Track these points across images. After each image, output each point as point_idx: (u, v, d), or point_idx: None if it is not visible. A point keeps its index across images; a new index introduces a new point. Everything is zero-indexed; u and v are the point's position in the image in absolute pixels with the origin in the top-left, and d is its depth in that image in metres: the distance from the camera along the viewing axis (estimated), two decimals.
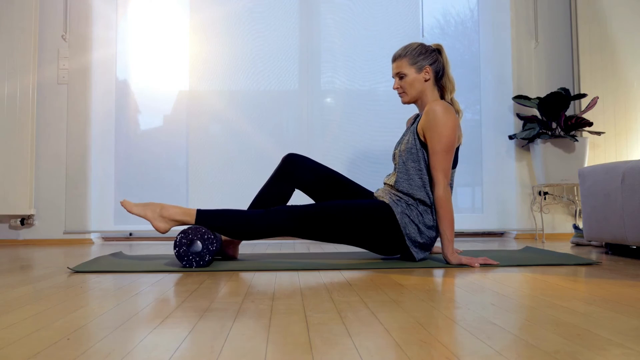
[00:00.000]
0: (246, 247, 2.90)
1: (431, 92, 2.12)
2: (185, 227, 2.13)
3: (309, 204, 2.06)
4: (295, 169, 2.18)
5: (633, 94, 3.54)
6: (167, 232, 2.01)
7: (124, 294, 1.37)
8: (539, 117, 3.43)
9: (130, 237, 3.66)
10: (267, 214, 1.99)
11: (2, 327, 1.00)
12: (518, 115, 3.58)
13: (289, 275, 1.74)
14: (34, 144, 3.43)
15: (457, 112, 2.12)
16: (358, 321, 1.03)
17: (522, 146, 3.64)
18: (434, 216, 2.02)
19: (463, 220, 3.65)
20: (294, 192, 2.25)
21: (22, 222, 3.43)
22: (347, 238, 2.04)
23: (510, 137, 3.59)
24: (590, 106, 3.31)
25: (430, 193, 2.02)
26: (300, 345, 0.86)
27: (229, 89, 3.62)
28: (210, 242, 1.92)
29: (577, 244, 2.97)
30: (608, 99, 3.54)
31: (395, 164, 2.16)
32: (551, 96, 3.23)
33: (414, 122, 2.17)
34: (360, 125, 3.62)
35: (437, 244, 2.57)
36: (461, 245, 2.94)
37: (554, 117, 3.31)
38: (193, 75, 3.61)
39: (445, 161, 1.98)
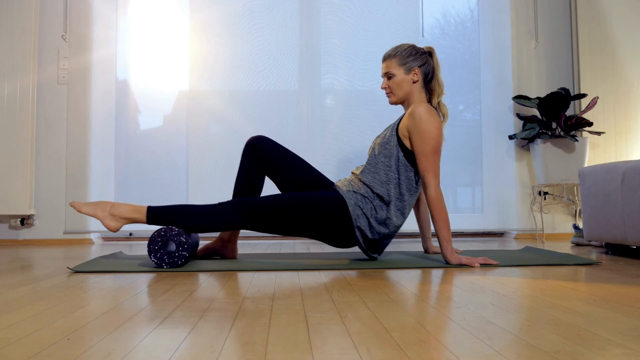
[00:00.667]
0: (246, 247, 2.90)
1: (418, 95, 2.12)
2: (160, 227, 2.09)
3: (261, 196, 2.04)
4: (261, 149, 2.14)
5: (633, 94, 3.54)
6: (118, 230, 1.99)
7: (124, 294, 1.37)
8: (539, 117, 3.43)
9: (130, 237, 3.66)
10: (219, 207, 1.97)
11: (2, 327, 1.00)
12: (518, 115, 3.58)
13: (289, 275, 1.74)
14: (34, 144, 3.43)
15: (443, 115, 2.12)
16: (358, 321, 1.03)
17: (522, 146, 3.64)
18: (390, 214, 2.01)
19: (463, 220, 3.65)
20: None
21: (22, 222, 3.43)
22: (299, 230, 2.01)
23: (510, 137, 3.59)
24: (590, 106, 3.31)
25: (391, 191, 2.01)
26: (300, 345, 0.86)
27: (229, 89, 3.62)
28: (182, 244, 1.90)
29: (577, 244, 2.97)
30: (608, 99, 3.54)
31: (368, 156, 2.15)
32: (551, 96, 3.23)
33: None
34: (360, 125, 3.62)
35: (435, 243, 2.56)
36: (461, 245, 2.94)
37: (554, 117, 3.31)
38: (193, 75, 3.61)
39: (434, 162, 1.98)
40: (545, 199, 3.58)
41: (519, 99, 3.47)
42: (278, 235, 2.09)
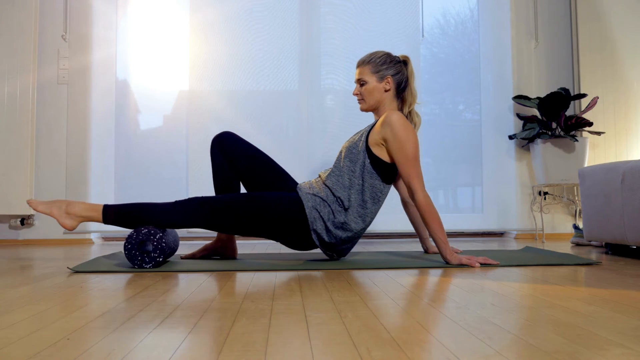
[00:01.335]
0: (246, 247, 2.90)
1: (390, 103, 2.10)
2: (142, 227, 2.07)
3: (218, 195, 2.03)
4: (227, 147, 2.12)
5: (633, 94, 3.54)
6: (74, 228, 1.98)
7: (124, 294, 1.37)
8: (539, 117, 3.43)
9: None
10: (175, 206, 1.96)
11: (2, 327, 1.00)
12: (518, 115, 3.58)
13: (289, 275, 1.74)
14: (34, 144, 3.43)
15: (415, 124, 2.10)
16: (358, 321, 1.03)
17: (522, 146, 3.64)
18: (348, 219, 1.99)
19: (463, 220, 3.65)
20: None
21: (22, 222, 3.43)
22: (257, 230, 1.99)
23: (510, 137, 3.60)
24: (590, 106, 3.31)
25: (352, 197, 1.99)
26: (300, 345, 0.86)
27: (229, 89, 3.62)
28: (159, 243, 1.88)
29: (577, 244, 2.97)
30: (608, 99, 3.54)
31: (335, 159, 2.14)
32: (551, 96, 3.23)
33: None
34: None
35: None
36: (461, 245, 2.94)
37: (554, 117, 3.31)
38: (193, 75, 3.61)
39: (416, 167, 1.95)
40: (545, 199, 3.58)
41: (519, 99, 3.47)
42: (237, 235, 2.07)
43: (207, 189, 3.55)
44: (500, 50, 3.70)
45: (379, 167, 2.01)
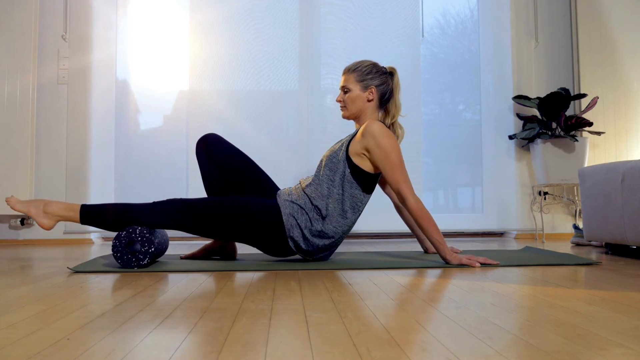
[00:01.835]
0: (246, 247, 2.90)
1: (372, 113, 2.09)
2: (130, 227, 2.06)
3: (196, 197, 2.02)
4: (211, 149, 2.11)
5: (633, 94, 3.54)
6: (52, 228, 1.98)
7: (124, 294, 1.37)
8: (539, 117, 3.43)
9: None
10: (153, 207, 1.95)
11: (2, 327, 1.00)
12: (518, 115, 3.58)
13: (289, 275, 1.74)
14: (34, 144, 3.43)
15: (397, 137, 2.08)
16: (358, 321, 1.03)
17: (522, 146, 3.64)
18: (325, 228, 1.98)
19: (463, 220, 3.64)
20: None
21: (22, 222, 3.43)
22: (233, 235, 1.98)
23: (510, 137, 3.60)
24: (590, 106, 3.31)
25: (330, 206, 1.98)
26: (301, 345, 0.86)
27: (229, 89, 3.62)
28: (148, 243, 1.88)
29: (577, 244, 2.97)
30: (608, 99, 3.54)
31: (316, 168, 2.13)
32: (551, 96, 3.23)
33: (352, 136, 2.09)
34: None
35: None
36: (461, 245, 2.94)
37: (554, 117, 3.31)
38: (193, 75, 3.61)
39: (402, 173, 1.94)
40: (545, 199, 3.58)
41: (519, 99, 3.47)
42: (214, 239, 2.06)
43: None
44: (500, 50, 3.70)
45: (359, 177, 2.00)
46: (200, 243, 3.32)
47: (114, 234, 3.62)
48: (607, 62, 3.57)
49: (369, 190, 2.04)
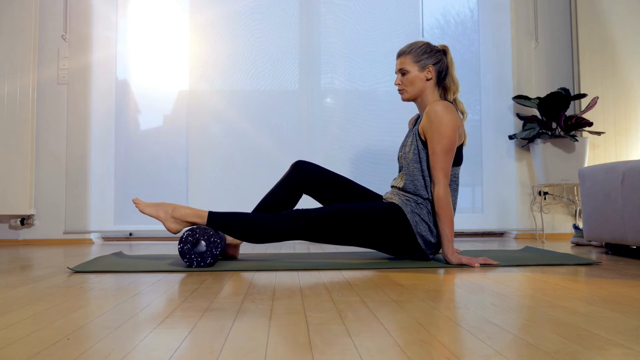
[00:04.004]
0: (246, 247, 2.89)
1: (432, 92, 2.12)
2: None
3: (319, 207, 2.06)
4: (305, 176, 2.18)
5: (633, 94, 3.54)
6: (178, 232, 2.02)
7: (124, 294, 1.37)
8: (539, 117, 3.43)
9: (130, 237, 3.66)
10: (278, 217, 2.00)
11: (2, 327, 1.00)
12: (518, 115, 3.58)
13: (289, 275, 1.74)
14: (34, 144, 3.43)
15: (462, 113, 2.12)
16: (358, 321, 1.03)
17: (522, 146, 3.64)
18: None
19: (463, 220, 3.64)
20: (301, 197, 2.25)
21: (22, 222, 3.43)
22: (358, 240, 2.04)
23: (510, 137, 3.59)
24: (590, 106, 3.31)
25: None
26: (300, 345, 0.86)
27: (229, 89, 3.62)
28: (215, 245, 1.92)
29: (577, 244, 2.97)
30: (608, 99, 3.54)
31: (400, 166, 2.17)
32: (551, 96, 3.23)
33: (415, 124, 2.17)
34: (360, 125, 3.62)
35: None
36: (461, 245, 2.94)
37: (554, 117, 3.31)
38: (193, 75, 3.61)
39: (444, 161, 1.98)
40: (545, 199, 3.58)
41: (519, 99, 3.47)
42: (336, 244, 2.11)
43: (207, 188, 3.55)
44: (500, 50, 3.70)
45: None
46: None
47: (113, 234, 3.62)
48: (607, 62, 3.57)
49: (457, 163, 2.08)
